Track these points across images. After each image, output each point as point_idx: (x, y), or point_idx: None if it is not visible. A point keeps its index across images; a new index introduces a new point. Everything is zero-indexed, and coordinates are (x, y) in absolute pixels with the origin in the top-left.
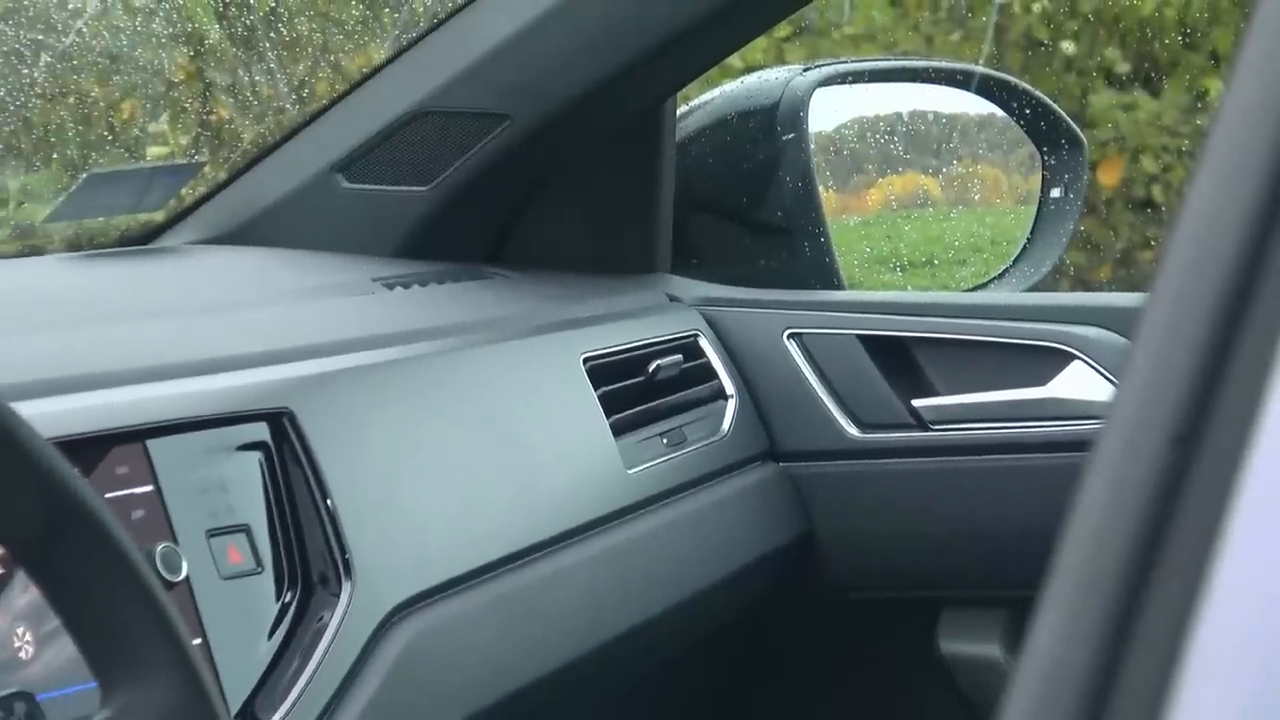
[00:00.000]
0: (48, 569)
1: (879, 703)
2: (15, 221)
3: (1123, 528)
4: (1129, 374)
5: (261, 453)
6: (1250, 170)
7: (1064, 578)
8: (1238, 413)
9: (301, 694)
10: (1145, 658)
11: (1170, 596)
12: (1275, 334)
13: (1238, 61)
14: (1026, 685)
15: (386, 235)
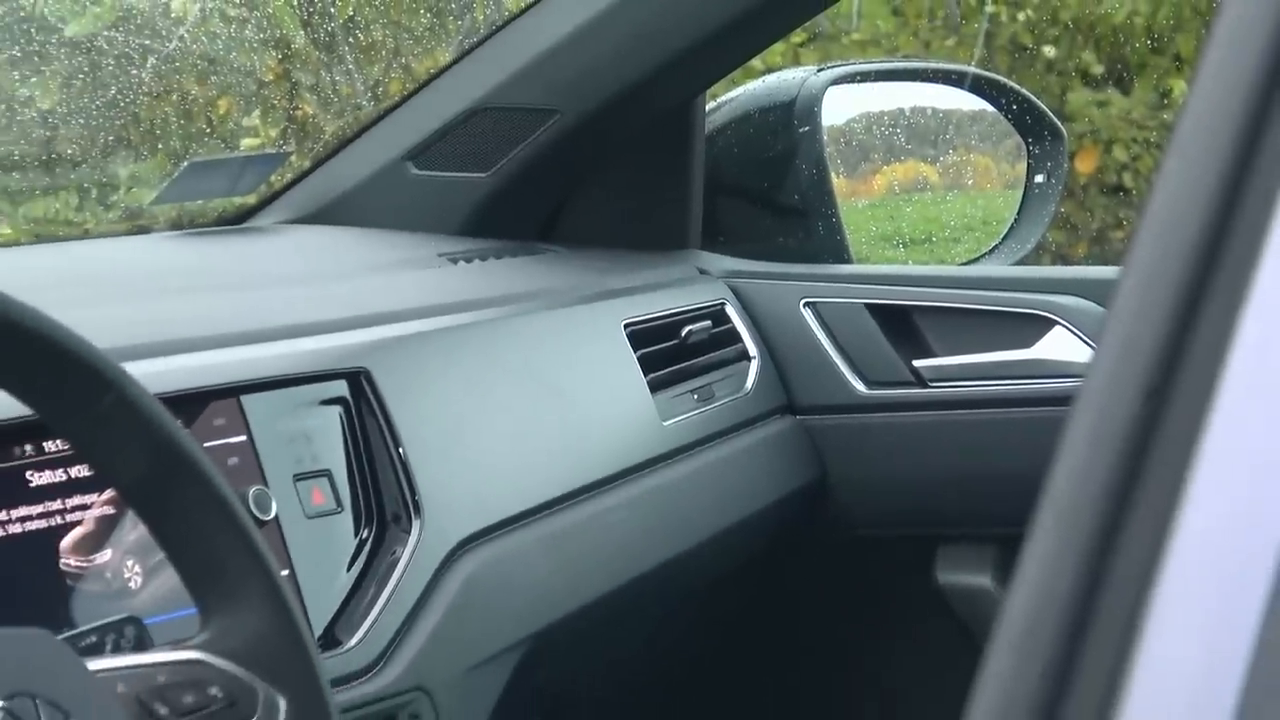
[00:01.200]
0: (154, 509)
1: (884, 629)
2: (125, 204)
3: (1100, 472)
4: (1105, 336)
5: (341, 407)
6: (1211, 159)
7: (1048, 516)
8: (1202, 370)
9: (377, 619)
10: (1121, 587)
11: (1142, 533)
12: (1235, 302)
13: (1200, 64)
14: (1015, 612)
15: (451, 216)
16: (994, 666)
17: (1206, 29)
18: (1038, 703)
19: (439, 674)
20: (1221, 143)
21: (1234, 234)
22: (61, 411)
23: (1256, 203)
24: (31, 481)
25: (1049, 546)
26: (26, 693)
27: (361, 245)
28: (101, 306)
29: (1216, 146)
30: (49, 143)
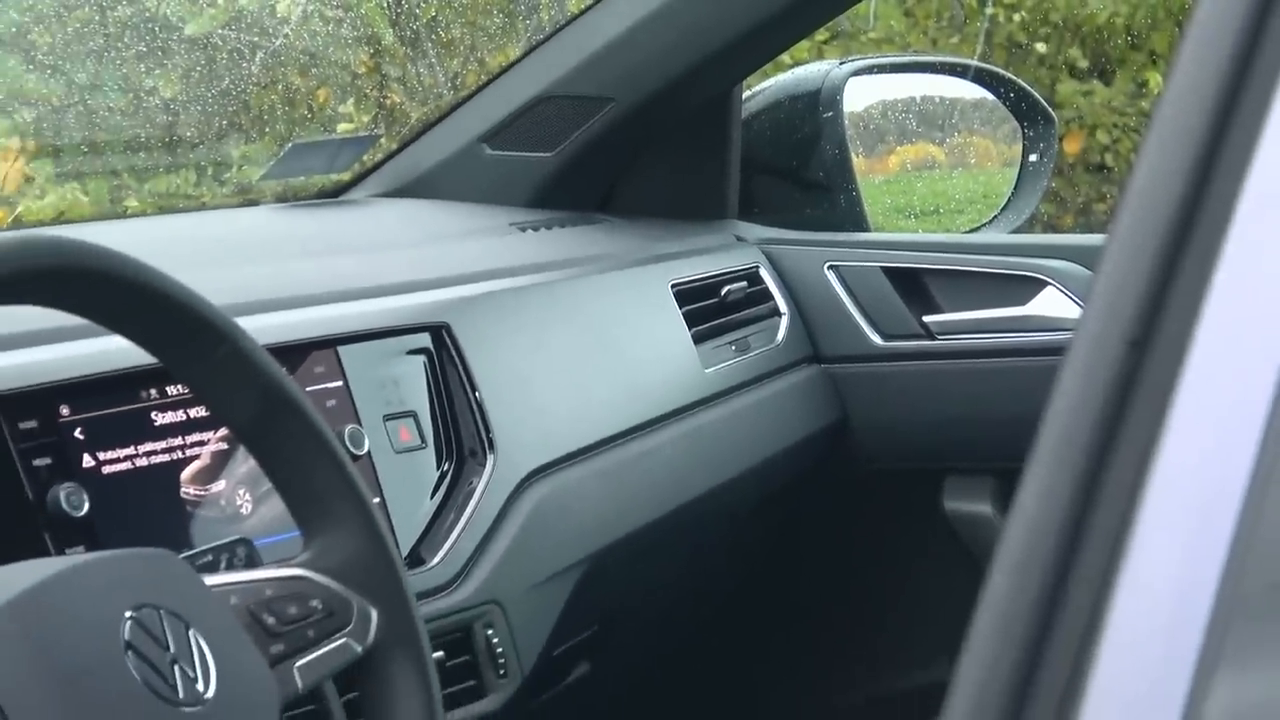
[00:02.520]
0: (263, 445)
1: (896, 551)
2: (237, 181)
3: (1088, 413)
4: (1092, 294)
5: (425, 356)
6: (1184, 143)
7: (1043, 451)
8: (1178, 323)
9: (456, 541)
10: (1107, 513)
11: (1126, 466)
12: (1207, 264)
13: (1176, 57)
14: (1014, 536)
15: (519, 190)
16: (995, 584)
17: (1180, 28)
18: (1035, 616)
19: (509, 589)
20: (1195, 124)
21: (1205, 205)
22: (182, 360)
23: (1226, 177)
24: (156, 421)
25: (1044, 477)
26: (152, 605)
27: (442, 216)
28: (217, 269)
29: (1190, 128)
30: (171, 127)
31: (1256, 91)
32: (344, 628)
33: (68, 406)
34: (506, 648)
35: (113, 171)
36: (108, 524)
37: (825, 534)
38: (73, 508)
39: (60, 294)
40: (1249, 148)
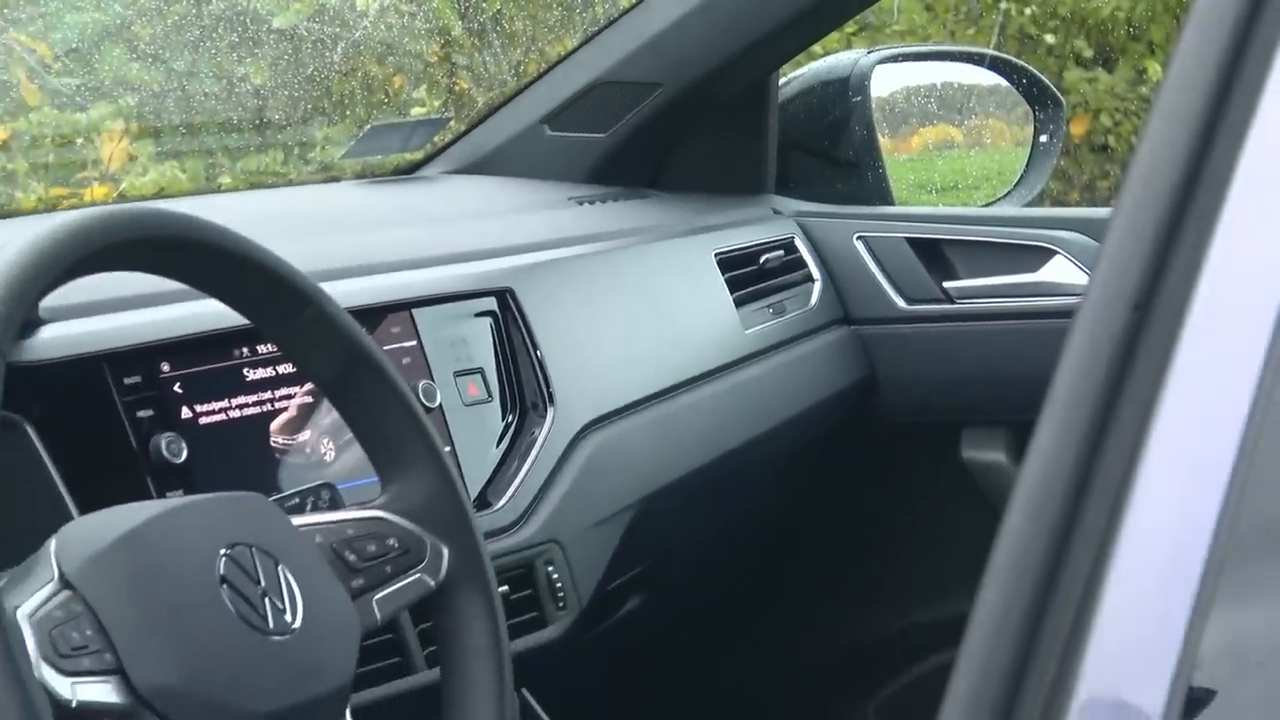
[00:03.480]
0: (345, 398)
1: (918, 497)
2: (320, 159)
3: (1095, 371)
4: (1100, 261)
5: (491, 318)
6: (1184, 123)
7: (1053, 406)
8: (1178, 288)
9: (519, 485)
10: (1112, 460)
11: (1131, 418)
12: (1205, 233)
13: (1175, 48)
14: (1027, 482)
15: (576, 167)
16: (1010, 525)
17: (1177, 21)
18: (1046, 554)
19: (568, 529)
20: (1193, 107)
21: (1203, 180)
22: (271, 321)
23: (1221, 155)
24: (247, 377)
25: (1054, 429)
26: (245, 543)
27: (506, 191)
28: (303, 240)
29: (1189, 110)
30: (260, 111)
31: (1250, 78)
32: (418, 564)
33: (168, 363)
34: (565, 583)
35: (208, 151)
36: (204, 470)
37: (854, 480)
38: (172, 455)
39: (162, 262)
40: (1242, 129)
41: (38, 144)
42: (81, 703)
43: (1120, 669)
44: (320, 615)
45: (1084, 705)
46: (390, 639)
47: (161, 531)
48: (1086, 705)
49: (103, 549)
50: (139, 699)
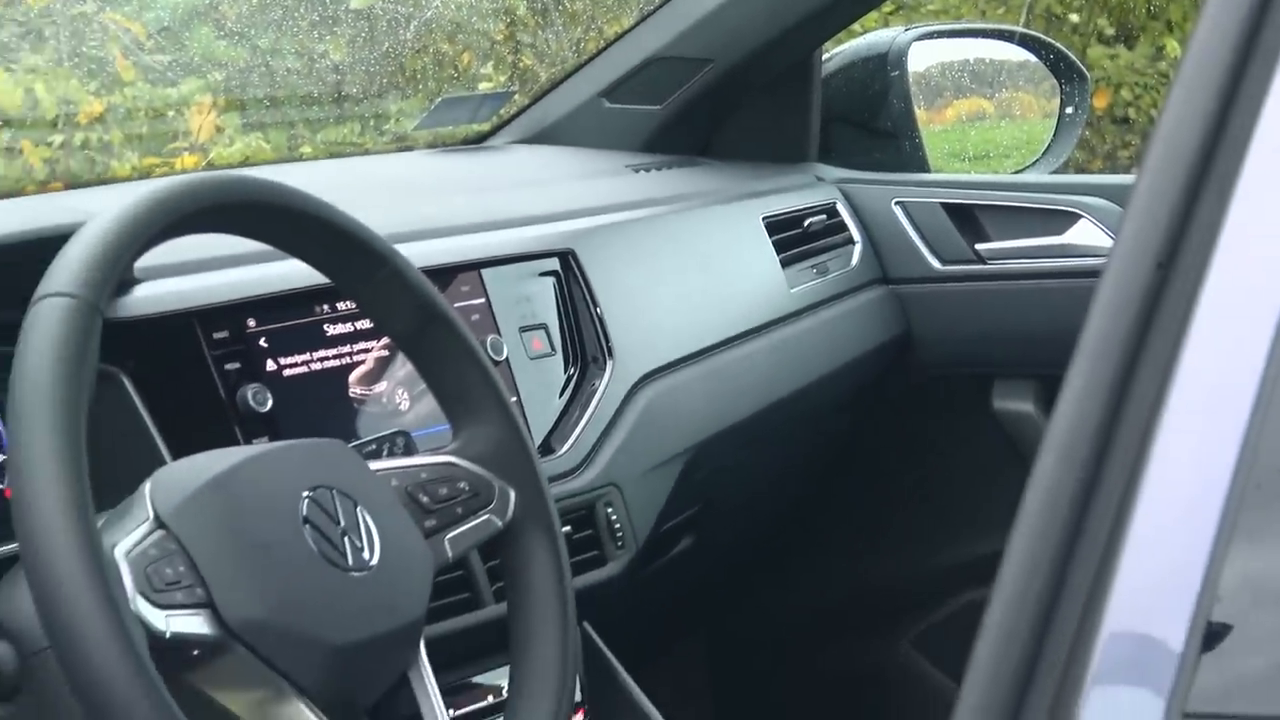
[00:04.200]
0: (418, 352)
1: (952, 445)
2: (394, 131)
3: (1121, 324)
4: (1125, 222)
5: (554, 278)
6: (1204, 94)
7: (1082, 356)
8: (1200, 247)
9: (580, 433)
10: (1137, 408)
11: (1154, 368)
12: (1225, 196)
13: (1196, 25)
14: (1057, 430)
15: (633, 137)
16: (1041, 470)
17: (1195, 1)
18: (1076, 498)
19: (626, 473)
20: (1214, 77)
21: (1223, 145)
22: (350, 280)
23: (1240, 121)
24: (328, 332)
25: (1083, 380)
26: (325, 485)
27: (568, 159)
28: (379, 204)
29: (1210, 77)
30: (338, 85)
31: (1267, 47)
32: (487, 506)
33: (254, 319)
34: (623, 523)
35: (289, 123)
36: (288, 418)
37: (891, 429)
38: (258, 404)
39: (248, 225)
40: (1260, 96)
41: (132, 116)
42: (174, 634)
43: (1144, 603)
44: (396, 553)
45: (1110, 637)
46: (460, 576)
47: (248, 475)
48: (1112, 637)
49: (194, 491)
50: (227, 631)
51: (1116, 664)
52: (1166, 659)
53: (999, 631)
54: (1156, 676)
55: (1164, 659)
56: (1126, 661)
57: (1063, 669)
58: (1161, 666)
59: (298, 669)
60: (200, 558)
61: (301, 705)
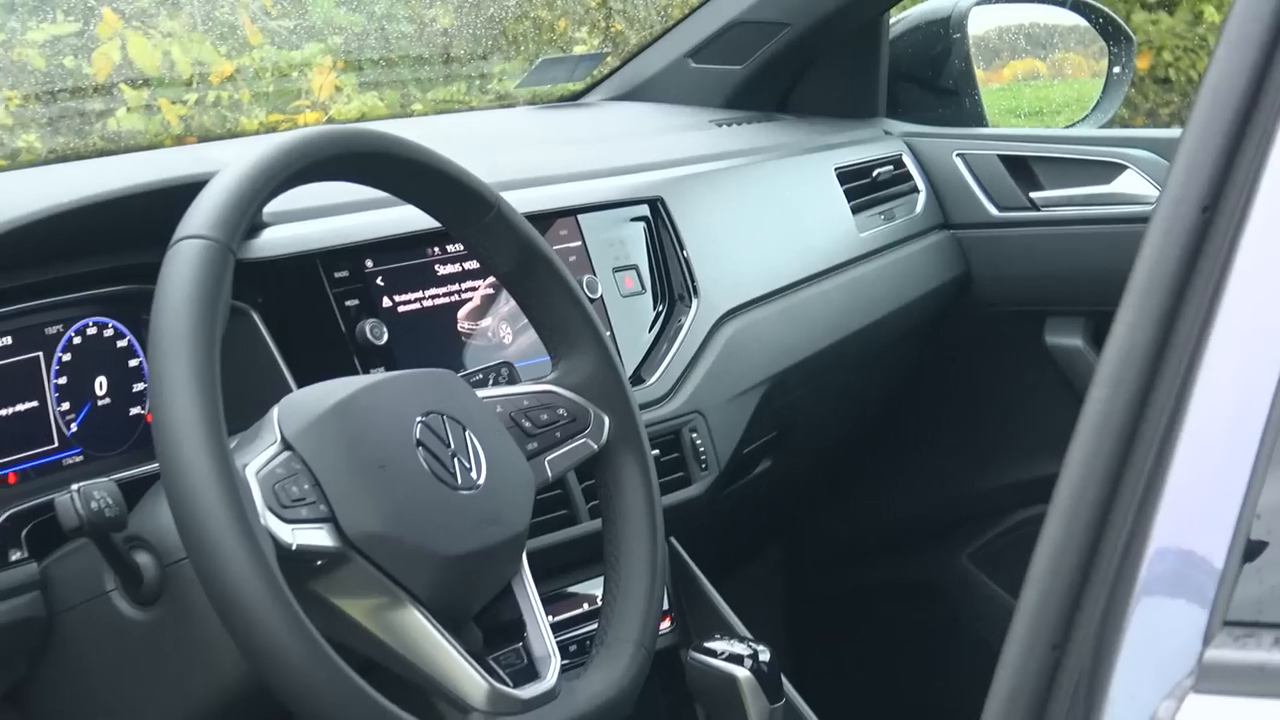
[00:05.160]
0: (522, 289)
1: (1007, 377)
2: (497, 90)
3: (1168, 263)
4: (1172, 168)
5: (644, 222)
6: (1247, 49)
7: (1132, 293)
8: (1241, 191)
9: (668, 365)
10: (1183, 339)
11: (1199, 303)
12: (1266, 143)
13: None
14: (1108, 360)
15: (716, 95)
16: (1094, 398)
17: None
18: (1125, 423)
19: (709, 401)
20: (1256, 33)
21: (1263, 99)
22: (459, 223)
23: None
24: (438, 271)
25: (1133, 314)
26: (437, 411)
27: (657, 115)
28: (485, 155)
29: (1252, 33)
30: (447, 48)
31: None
32: (584, 430)
33: (371, 260)
34: (707, 447)
35: (402, 83)
36: (402, 350)
37: (951, 362)
38: (375, 338)
39: (366, 173)
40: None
41: (259, 77)
42: (300, 546)
43: (1188, 521)
44: (500, 473)
45: (1157, 552)
46: (559, 494)
47: (367, 401)
48: (1159, 553)
49: (318, 416)
50: (348, 543)
51: (1162, 577)
52: (1208, 572)
53: (1054, 546)
54: (1199, 588)
55: (1206, 572)
56: (1172, 574)
57: (1113, 580)
58: (1204, 579)
59: (412, 578)
60: (323, 476)
61: (415, 611)
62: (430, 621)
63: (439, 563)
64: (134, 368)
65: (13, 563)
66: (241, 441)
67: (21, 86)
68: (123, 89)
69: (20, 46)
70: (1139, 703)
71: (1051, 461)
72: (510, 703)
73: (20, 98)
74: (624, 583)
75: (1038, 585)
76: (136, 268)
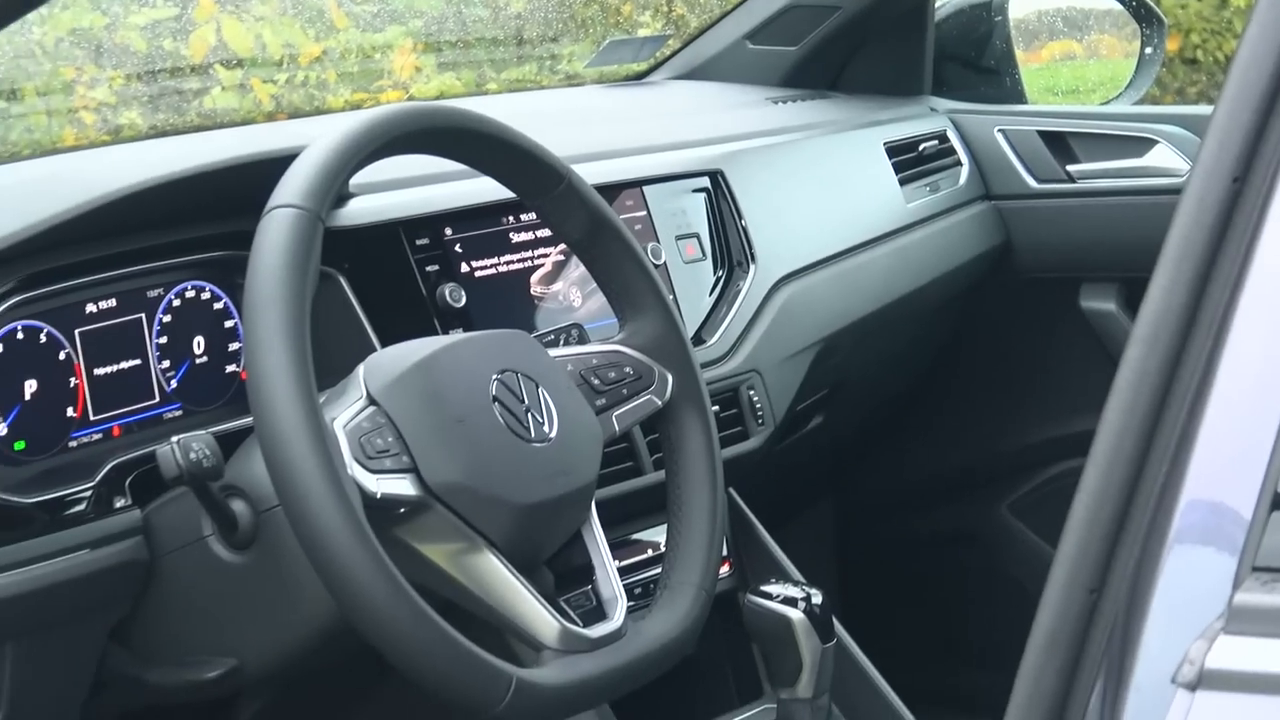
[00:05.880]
0: (591, 256)
1: (1044, 339)
2: (566, 70)
3: (1201, 230)
4: (1205, 141)
5: (705, 193)
6: (1274, 32)
7: (1166, 258)
8: (1269, 164)
9: (727, 326)
10: (1215, 302)
11: (1230, 266)
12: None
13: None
14: (1144, 320)
15: (772, 74)
16: (1129, 358)
17: None
18: (1159, 380)
19: (765, 361)
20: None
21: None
22: (532, 194)
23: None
24: (513, 239)
25: (1167, 278)
26: (512, 369)
27: (717, 93)
28: (556, 131)
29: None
30: (519, 31)
31: None
32: (649, 387)
33: (450, 228)
34: (764, 403)
35: (477, 63)
36: (479, 312)
37: (992, 324)
38: (454, 301)
39: (445, 147)
40: None
41: (344, 58)
42: (384, 495)
43: (1218, 473)
44: (571, 427)
45: (1189, 503)
46: (625, 447)
47: (446, 360)
48: (1191, 503)
49: (401, 373)
50: (428, 492)
51: (1194, 525)
52: (1237, 521)
53: (1092, 496)
54: (1229, 536)
55: (1235, 521)
56: (1203, 523)
57: (1147, 528)
58: (1233, 527)
59: (488, 525)
60: (406, 430)
61: (491, 556)
62: (505, 565)
63: (513, 510)
64: (229, 328)
65: (118, 510)
66: (330, 397)
67: (124, 67)
68: (217, 69)
69: (123, 30)
70: (1172, 643)
71: (1085, 418)
72: (580, 641)
73: (123, 78)
74: (686, 530)
75: (1076, 533)
76: (232, 235)
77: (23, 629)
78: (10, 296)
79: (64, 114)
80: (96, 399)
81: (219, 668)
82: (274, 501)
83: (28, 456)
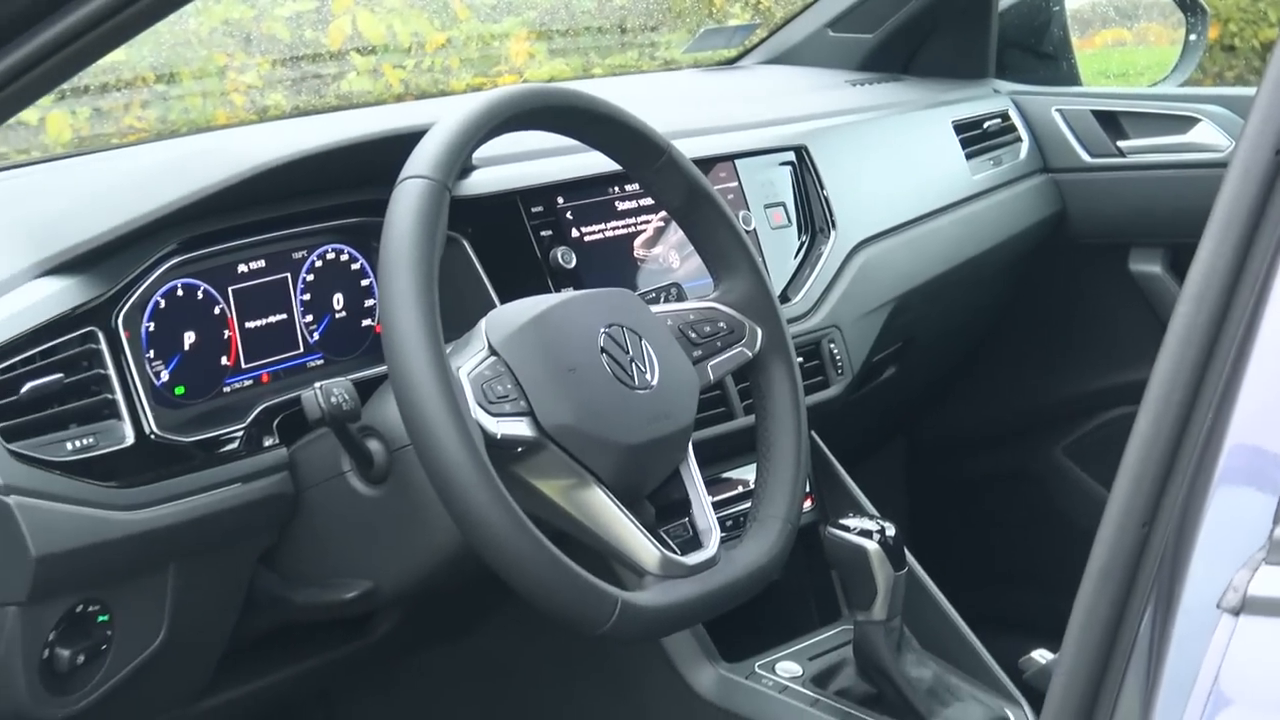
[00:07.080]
0: (689, 222)
1: (1095, 299)
2: (664, 57)
3: (1245, 199)
4: (1250, 117)
5: (790, 167)
6: None
7: (1212, 226)
8: None
9: (810, 286)
10: (1258, 264)
11: (1274, 233)
12: None
13: None
14: (1193, 280)
15: (851, 59)
16: (1179, 314)
17: None
18: (1207, 334)
19: (844, 317)
20: None
21: None
22: (636, 166)
23: None
24: (618, 207)
25: (1214, 242)
26: (618, 324)
27: (801, 76)
28: (658, 110)
29: None
30: (622, 20)
31: None
32: (740, 340)
33: (562, 197)
34: (843, 356)
35: (584, 51)
36: (588, 273)
37: (1049, 285)
38: (565, 262)
39: (559, 124)
40: None
41: (466, 45)
42: (503, 435)
43: (1260, 418)
44: (670, 376)
45: (1234, 446)
46: (718, 394)
47: (559, 315)
48: (1235, 447)
49: (519, 327)
50: (543, 433)
51: (1238, 467)
52: (1277, 463)
53: (1144, 439)
54: (1270, 476)
55: (1275, 463)
56: (1246, 465)
57: (1195, 469)
58: (1274, 468)
59: (597, 463)
60: (523, 377)
61: (599, 491)
62: (611, 499)
63: (619, 450)
64: (365, 286)
65: (266, 448)
66: (455, 348)
67: (270, 54)
68: (353, 56)
69: (269, 21)
70: (1217, 572)
71: (1132, 370)
72: (678, 567)
73: (269, 64)
74: (773, 469)
75: (1130, 472)
76: (367, 203)
77: (184, 552)
78: (171, 258)
79: (217, 96)
80: (247, 349)
81: (356, 589)
82: (406, 441)
83: (187, 400)
